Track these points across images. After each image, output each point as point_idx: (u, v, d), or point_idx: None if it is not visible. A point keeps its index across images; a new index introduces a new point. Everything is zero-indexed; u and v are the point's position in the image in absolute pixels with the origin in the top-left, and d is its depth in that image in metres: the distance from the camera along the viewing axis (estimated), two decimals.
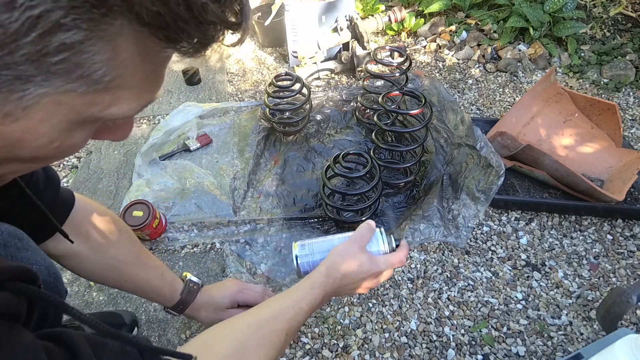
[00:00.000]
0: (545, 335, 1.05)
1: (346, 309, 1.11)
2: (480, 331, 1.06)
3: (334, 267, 0.67)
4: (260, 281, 1.18)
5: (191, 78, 2.00)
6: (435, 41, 2.22)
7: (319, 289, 0.64)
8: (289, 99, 1.62)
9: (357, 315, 1.10)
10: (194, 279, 0.92)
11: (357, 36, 1.90)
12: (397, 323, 1.08)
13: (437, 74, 2.04)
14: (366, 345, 1.04)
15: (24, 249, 0.62)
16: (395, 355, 1.02)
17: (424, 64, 2.12)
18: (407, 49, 2.20)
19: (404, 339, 1.05)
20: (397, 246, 0.74)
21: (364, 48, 1.91)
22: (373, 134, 1.45)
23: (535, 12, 2.03)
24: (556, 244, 1.26)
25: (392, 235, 0.75)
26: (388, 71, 1.90)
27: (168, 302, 0.88)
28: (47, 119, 0.29)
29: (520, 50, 2.08)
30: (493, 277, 1.18)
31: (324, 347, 1.04)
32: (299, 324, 0.60)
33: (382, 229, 0.76)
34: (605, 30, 2.16)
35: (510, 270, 1.20)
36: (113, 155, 1.61)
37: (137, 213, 1.21)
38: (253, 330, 0.56)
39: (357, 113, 1.70)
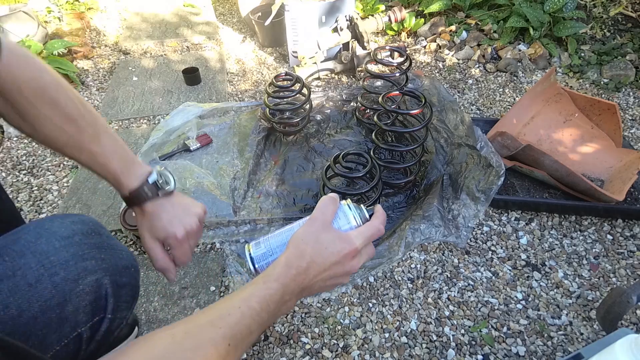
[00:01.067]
0: (545, 335, 1.06)
1: (346, 309, 1.11)
2: (480, 331, 1.06)
3: (295, 254, 0.52)
4: None
5: (191, 78, 2.00)
6: (435, 41, 2.22)
7: (275, 282, 0.50)
8: (289, 99, 1.62)
9: (357, 315, 1.10)
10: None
11: (357, 36, 1.90)
12: (397, 323, 1.08)
13: (437, 74, 2.04)
14: (366, 345, 1.04)
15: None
16: (395, 355, 1.02)
17: (424, 64, 2.12)
18: (407, 49, 2.20)
19: (404, 339, 1.05)
20: (370, 216, 0.58)
21: (364, 48, 1.91)
22: (373, 134, 1.45)
23: (535, 12, 2.03)
24: (556, 244, 1.26)
25: (362, 206, 0.59)
26: (388, 71, 1.90)
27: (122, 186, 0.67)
28: None
29: (520, 50, 2.08)
30: (493, 277, 1.18)
31: (324, 347, 1.04)
32: (249, 329, 0.46)
33: (349, 201, 0.59)
34: (605, 30, 2.16)
35: (510, 270, 1.20)
36: None
37: None
38: (177, 341, 0.43)
39: (357, 113, 1.70)
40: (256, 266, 0.56)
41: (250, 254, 0.57)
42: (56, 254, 0.55)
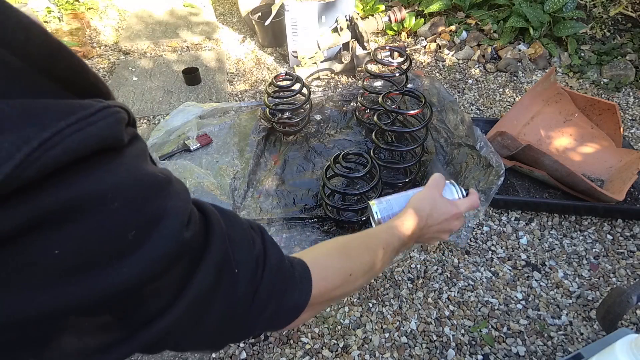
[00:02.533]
0: (545, 335, 1.05)
1: (346, 309, 1.11)
2: (480, 331, 1.06)
3: (419, 207, 0.69)
4: None
5: (191, 78, 2.00)
6: (435, 41, 2.22)
7: (408, 222, 0.67)
8: (289, 99, 1.62)
9: (357, 315, 1.10)
10: None
11: (357, 36, 1.90)
12: (397, 323, 1.08)
13: (437, 74, 2.04)
14: (366, 345, 1.04)
15: None
16: (395, 355, 1.02)
17: (424, 64, 2.12)
18: (407, 49, 2.20)
19: (404, 339, 1.05)
20: (467, 194, 0.78)
21: (364, 48, 1.91)
22: (373, 134, 1.45)
23: (535, 12, 2.03)
24: (556, 244, 1.26)
25: (460, 186, 0.78)
26: (388, 71, 1.90)
27: None
28: None
29: (520, 50, 2.08)
30: (493, 277, 1.18)
31: (324, 347, 1.04)
32: (393, 246, 0.63)
33: (452, 181, 0.79)
34: (605, 30, 2.16)
35: (510, 270, 1.20)
36: None
37: None
38: (352, 237, 0.61)
39: (357, 113, 1.70)
40: (379, 217, 0.74)
41: (375, 209, 0.75)
42: None
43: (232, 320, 0.40)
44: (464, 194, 0.77)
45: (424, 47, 2.21)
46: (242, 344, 1.04)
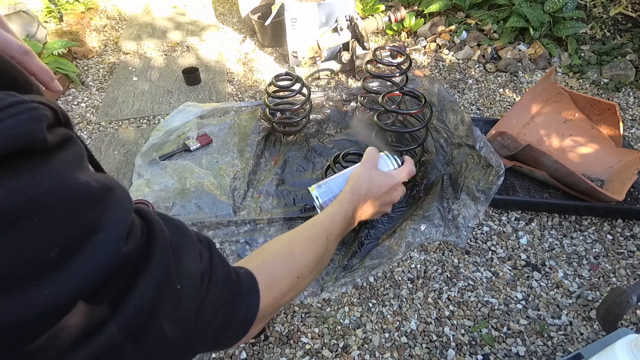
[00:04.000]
0: (545, 335, 1.05)
1: (346, 309, 1.11)
2: (480, 331, 1.06)
3: (357, 186, 0.70)
4: None
5: (191, 78, 2.00)
6: (435, 41, 2.22)
7: (347, 203, 0.67)
8: (289, 99, 1.62)
9: (357, 315, 1.10)
10: None
11: (357, 36, 1.90)
12: (397, 323, 1.08)
13: (437, 74, 2.04)
14: (366, 345, 1.04)
15: None
16: (395, 355, 1.02)
17: (424, 64, 2.12)
18: (407, 49, 2.20)
19: (404, 339, 1.05)
20: (402, 162, 0.79)
21: (364, 48, 1.91)
22: (373, 134, 1.45)
23: (535, 12, 2.03)
24: (556, 244, 1.26)
25: (394, 156, 0.79)
26: (388, 71, 1.90)
27: None
28: None
29: (520, 50, 2.08)
30: (493, 277, 1.18)
31: (324, 347, 1.04)
32: (336, 232, 0.63)
33: (386, 152, 0.80)
34: (605, 30, 2.16)
35: (510, 270, 1.20)
36: (113, 155, 1.61)
37: None
38: (295, 233, 0.60)
39: (357, 113, 1.70)
40: (321, 202, 0.76)
41: (315, 194, 0.77)
42: None
43: (174, 338, 0.36)
44: (399, 163, 0.78)
45: (424, 47, 2.21)
46: (242, 344, 1.04)
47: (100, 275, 0.28)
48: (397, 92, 1.49)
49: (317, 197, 0.78)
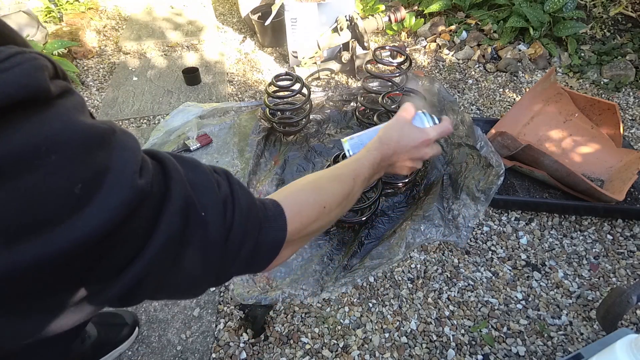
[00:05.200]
0: (545, 335, 1.05)
1: (346, 309, 1.11)
2: (480, 331, 1.06)
3: (387, 135, 0.70)
4: (261, 281, 1.18)
5: (191, 78, 2.00)
6: (435, 41, 2.22)
7: (375, 150, 0.68)
8: (289, 99, 1.62)
9: (357, 315, 1.10)
10: None
11: (357, 36, 1.90)
12: (397, 323, 1.08)
13: (437, 74, 2.04)
14: (366, 345, 1.04)
15: None
16: (395, 355, 1.02)
17: (424, 64, 2.12)
18: (407, 48, 2.20)
19: (404, 339, 1.05)
20: (439, 121, 0.76)
21: (364, 48, 1.91)
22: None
23: (535, 12, 2.03)
24: (556, 244, 1.26)
25: (432, 115, 0.77)
26: (388, 71, 1.90)
27: None
28: None
29: (520, 50, 2.08)
30: (493, 277, 1.18)
31: (324, 347, 1.04)
32: (363, 175, 0.64)
33: (423, 110, 0.77)
34: (605, 30, 2.16)
35: (510, 270, 1.20)
36: None
37: None
38: (323, 172, 0.62)
39: (357, 113, 1.70)
40: (351, 152, 0.76)
41: (347, 146, 0.78)
42: None
43: (207, 264, 0.39)
44: (436, 122, 0.76)
45: (424, 47, 2.21)
46: (242, 344, 1.04)
47: (124, 207, 0.30)
48: (397, 92, 1.49)
49: (348, 150, 0.78)
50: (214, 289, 1.15)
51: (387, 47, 1.70)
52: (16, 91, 0.25)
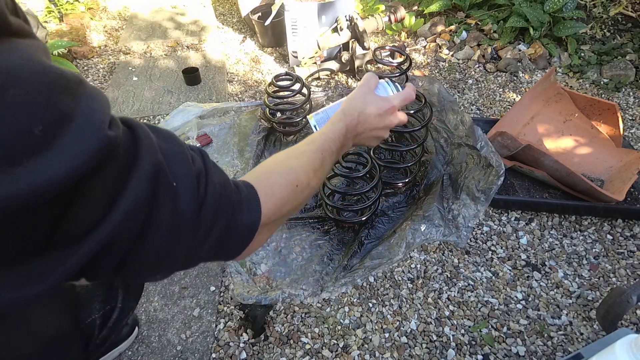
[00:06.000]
0: (545, 335, 1.05)
1: (346, 309, 1.11)
2: (480, 331, 1.06)
3: (350, 106, 0.70)
4: (260, 281, 1.18)
5: (191, 78, 2.00)
6: (435, 41, 2.22)
7: (339, 122, 0.67)
8: (289, 99, 1.62)
9: (357, 315, 1.10)
10: None
11: (357, 36, 1.90)
12: (397, 323, 1.08)
13: (437, 74, 2.04)
14: (366, 345, 1.04)
15: None
16: (395, 355, 1.02)
17: (424, 64, 2.12)
18: (407, 48, 2.20)
19: (404, 339, 1.05)
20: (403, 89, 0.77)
21: (364, 48, 1.91)
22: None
23: (535, 12, 2.03)
24: (556, 244, 1.26)
25: (396, 83, 0.78)
26: (388, 71, 1.90)
27: None
28: None
29: (520, 50, 2.08)
30: (493, 277, 1.18)
31: (324, 347, 1.04)
32: (330, 149, 0.64)
33: (387, 79, 0.78)
34: (605, 30, 2.16)
35: (510, 270, 1.20)
36: None
37: None
38: (290, 149, 0.61)
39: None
40: (317, 128, 0.75)
41: (313, 122, 0.78)
42: None
43: (176, 239, 0.37)
44: (400, 88, 0.76)
45: (424, 47, 2.21)
46: (242, 344, 1.04)
47: (90, 155, 0.28)
48: None
49: (315, 126, 0.78)
50: (213, 288, 1.15)
51: (387, 47, 1.70)
52: None
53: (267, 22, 2.08)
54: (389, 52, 1.80)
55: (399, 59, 1.67)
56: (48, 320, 0.49)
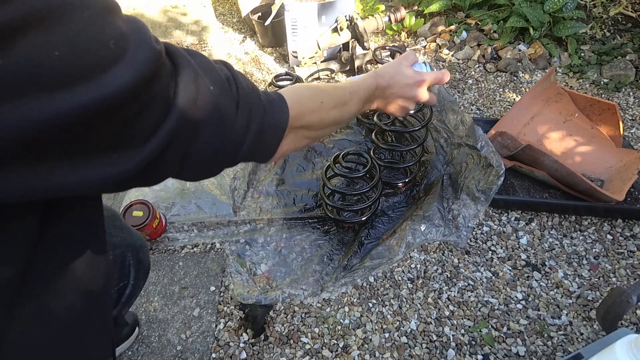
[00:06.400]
0: (545, 335, 1.06)
1: (346, 309, 1.11)
2: (480, 331, 1.06)
3: (384, 69, 0.75)
4: (261, 281, 1.18)
5: None
6: (435, 41, 2.22)
7: (371, 78, 0.72)
8: None
9: (357, 315, 1.10)
10: None
11: (357, 36, 1.90)
12: (397, 323, 1.08)
13: None
14: (366, 345, 1.04)
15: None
16: (395, 355, 1.02)
17: None
18: (407, 48, 2.20)
19: (404, 339, 1.05)
20: None
21: (364, 48, 1.91)
22: (373, 134, 1.45)
23: (535, 12, 2.03)
24: (556, 244, 1.26)
25: (432, 67, 0.83)
26: None
27: None
28: None
29: (520, 50, 2.08)
30: (493, 277, 1.18)
31: (324, 347, 1.04)
32: (358, 95, 0.68)
33: (425, 61, 0.84)
34: (605, 30, 2.16)
35: (510, 270, 1.20)
36: None
37: (137, 213, 1.21)
38: (321, 83, 0.70)
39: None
40: None
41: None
42: None
43: (223, 132, 0.43)
44: (434, 71, 0.82)
45: (424, 47, 2.22)
46: (242, 344, 1.04)
47: (150, 64, 0.34)
48: None
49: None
50: (213, 288, 1.15)
51: (387, 47, 1.70)
52: None
53: (267, 22, 2.08)
54: (389, 52, 1.80)
55: None
56: (90, 280, 0.52)
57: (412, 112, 1.37)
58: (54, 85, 0.28)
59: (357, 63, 1.94)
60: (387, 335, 1.06)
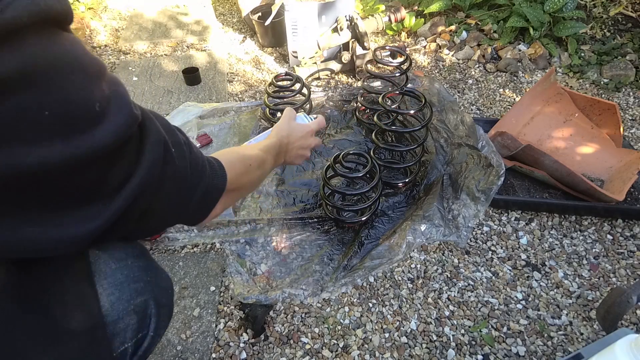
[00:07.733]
0: (545, 335, 1.06)
1: (346, 309, 1.11)
2: (480, 331, 1.06)
3: (279, 129, 0.87)
4: (261, 281, 1.18)
5: (191, 78, 2.00)
6: (435, 41, 2.22)
7: (274, 137, 0.84)
8: (289, 99, 1.62)
9: (357, 315, 1.10)
10: None
11: (357, 36, 1.90)
12: (397, 323, 1.08)
13: (437, 74, 2.04)
14: (366, 345, 1.04)
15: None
16: (395, 355, 1.02)
17: (424, 64, 2.12)
18: (407, 48, 2.20)
19: (404, 339, 1.05)
20: (314, 119, 1.00)
21: (364, 48, 1.91)
22: (373, 134, 1.45)
23: (535, 12, 2.03)
24: (556, 244, 1.26)
25: (309, 115, 1.01)
26: (388, 71, 1.90)
27: None
28: None
29: (520, 50, 2.08)
30: (493, 277, 1.18)
31: (324, 347, 1.04)
32: (271, 153, 0.80)
33: (302, 112, 1.02)
34: (605, 30, 2.16)
35: (510, 270, 1.20)
36: None
37: None
38: (240, 146, 0.79)
39: (357, 113, 1.70)
40: None
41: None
42: (113, 276, 0.59)
43: (182, 190, 0.49)
44: (312, 119, 0.98)
45: (424, 47, 2.22)
46: (242, 344, 1.04)
47: (127, 126, 0.38)
48: (397, 92, 1.49)
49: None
50: (213, 288, 1.15)
51: (387, 47, 1.70)
52: (46, 12, 0.30)
53: (267, 22, 2.08)
54: (389, 52, 1.80)
55: (399, 59, 1.67)
56: (84, 350, 0.50)
57: (411, 111, 1.37)
58: (34, 139, 0.31)
59: (357, 63, 1.94)
60: (387, 335, 1.06)
